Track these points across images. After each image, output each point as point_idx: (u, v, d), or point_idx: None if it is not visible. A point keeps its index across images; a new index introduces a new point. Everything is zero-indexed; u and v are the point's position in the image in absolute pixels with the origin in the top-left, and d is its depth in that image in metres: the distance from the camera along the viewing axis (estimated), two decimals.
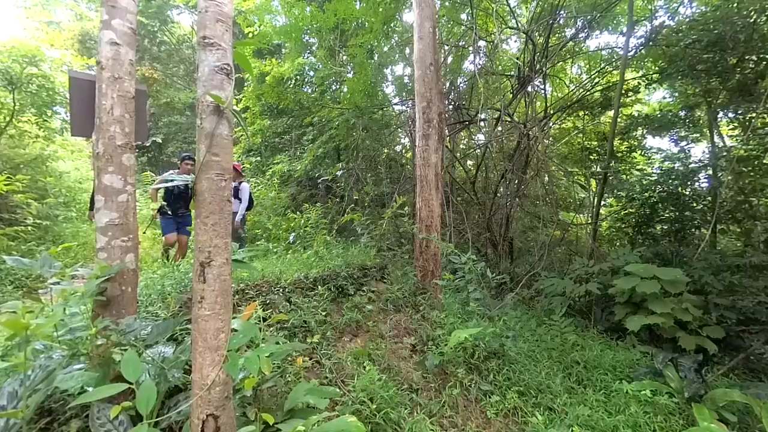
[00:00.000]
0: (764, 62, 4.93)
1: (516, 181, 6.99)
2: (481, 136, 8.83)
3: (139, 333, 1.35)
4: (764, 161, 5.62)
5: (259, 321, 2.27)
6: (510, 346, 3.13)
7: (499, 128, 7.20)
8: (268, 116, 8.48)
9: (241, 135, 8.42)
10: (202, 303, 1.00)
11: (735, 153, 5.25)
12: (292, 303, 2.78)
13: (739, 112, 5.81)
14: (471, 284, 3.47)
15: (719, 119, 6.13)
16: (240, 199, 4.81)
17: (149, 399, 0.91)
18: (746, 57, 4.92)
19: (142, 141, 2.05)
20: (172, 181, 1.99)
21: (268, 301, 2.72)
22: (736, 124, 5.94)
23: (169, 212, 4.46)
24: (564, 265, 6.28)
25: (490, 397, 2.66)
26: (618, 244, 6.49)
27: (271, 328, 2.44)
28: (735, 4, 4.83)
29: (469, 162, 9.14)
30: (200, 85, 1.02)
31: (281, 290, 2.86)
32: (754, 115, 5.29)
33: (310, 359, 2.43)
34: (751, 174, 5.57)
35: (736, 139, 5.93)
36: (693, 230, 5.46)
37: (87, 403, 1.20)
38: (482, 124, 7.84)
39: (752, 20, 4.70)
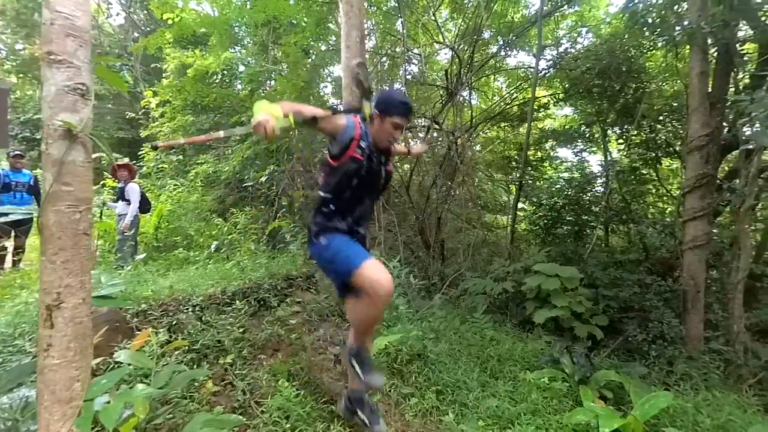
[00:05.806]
0: (640, 90, 5.90)
1: (447, 186, 7.40)
2: (417, 142, 9.17)
3: None
4: (643, 172, 6.75)
5: (161, 347, 2.09)
6: (431, 347, 3.29)
7: (430, 135, 7.55)
8: (192, 112, 7.80)
9: (158, 132, 7.62)
10: (49, 351, 0.88)
11: (620, 164, 6.20)
12: (203, 321, 2.60)
13: (624, 129, 6.88)
14: (397, 289, 3.59)
15: (609, 135, 7.18)
16: (128, 201, 4.75)
17: None
18: (627, 84, 5.83)
19: (2, 147, 1.75)
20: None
21: (175, 322, 2.50)
22: (621, 140, 7.01)
23: (342, 220, 1.84)
24: (487, 265, 6.81)
25: (409, 400, 2.76)
26: (533, 244, 7.23)
27: (177, 352, 2.26)
28: (618, 40, 5.69)
29: (405, 166, 9.45)
30: (46, 107, 0.90)
31: (192, 308, 2.66)
32: (634, 133, 6.30)
33: (222, 381, 2.30)
34: (633, 183, 6.64)
35: (621, 153, 7.01)
36: (589, 231, 6.32)
37: None
38: (417, 130, 8.15)
39: (630, 54, 5.59)
